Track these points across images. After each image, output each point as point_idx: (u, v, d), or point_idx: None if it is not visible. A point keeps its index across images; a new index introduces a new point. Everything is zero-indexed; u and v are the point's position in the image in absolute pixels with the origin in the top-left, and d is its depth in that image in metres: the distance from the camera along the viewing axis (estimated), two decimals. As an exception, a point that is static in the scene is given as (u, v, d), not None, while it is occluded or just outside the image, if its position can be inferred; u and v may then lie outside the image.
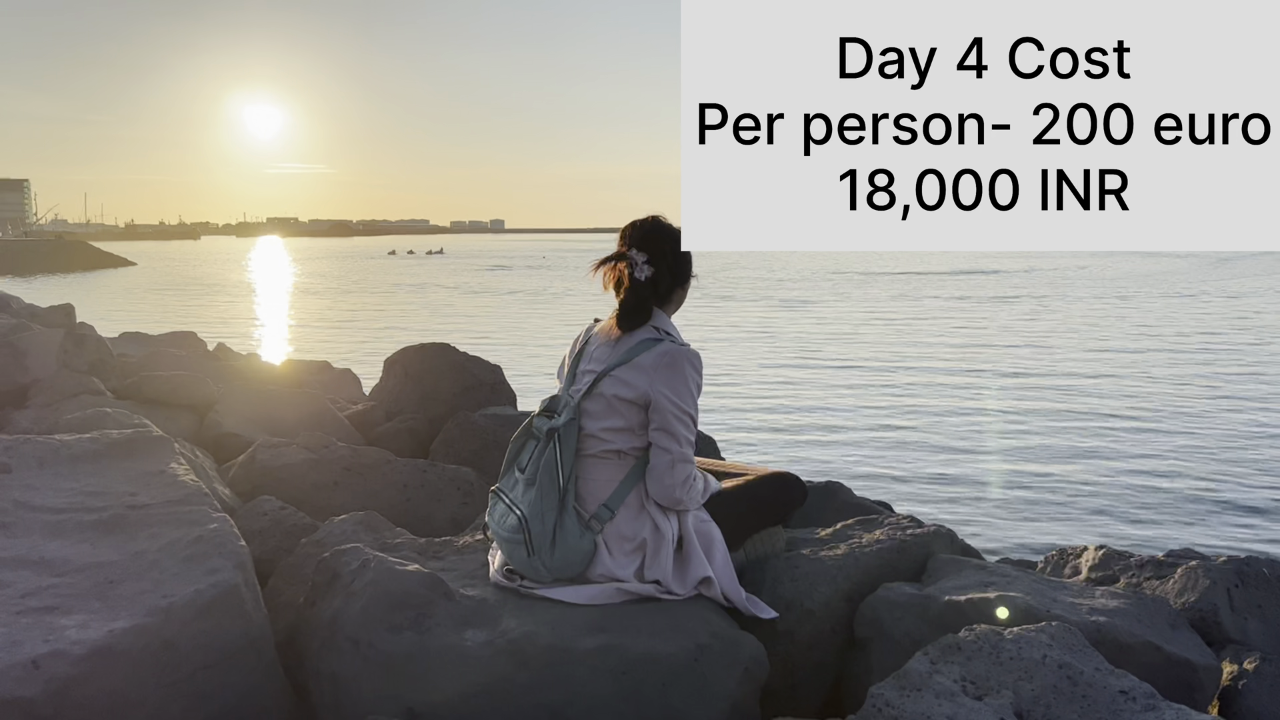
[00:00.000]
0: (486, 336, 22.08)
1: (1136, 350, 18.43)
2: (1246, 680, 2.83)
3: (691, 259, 2.91)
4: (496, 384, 6.09)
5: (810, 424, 11.76)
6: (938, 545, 3.29)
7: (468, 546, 3.15)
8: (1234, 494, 8.43)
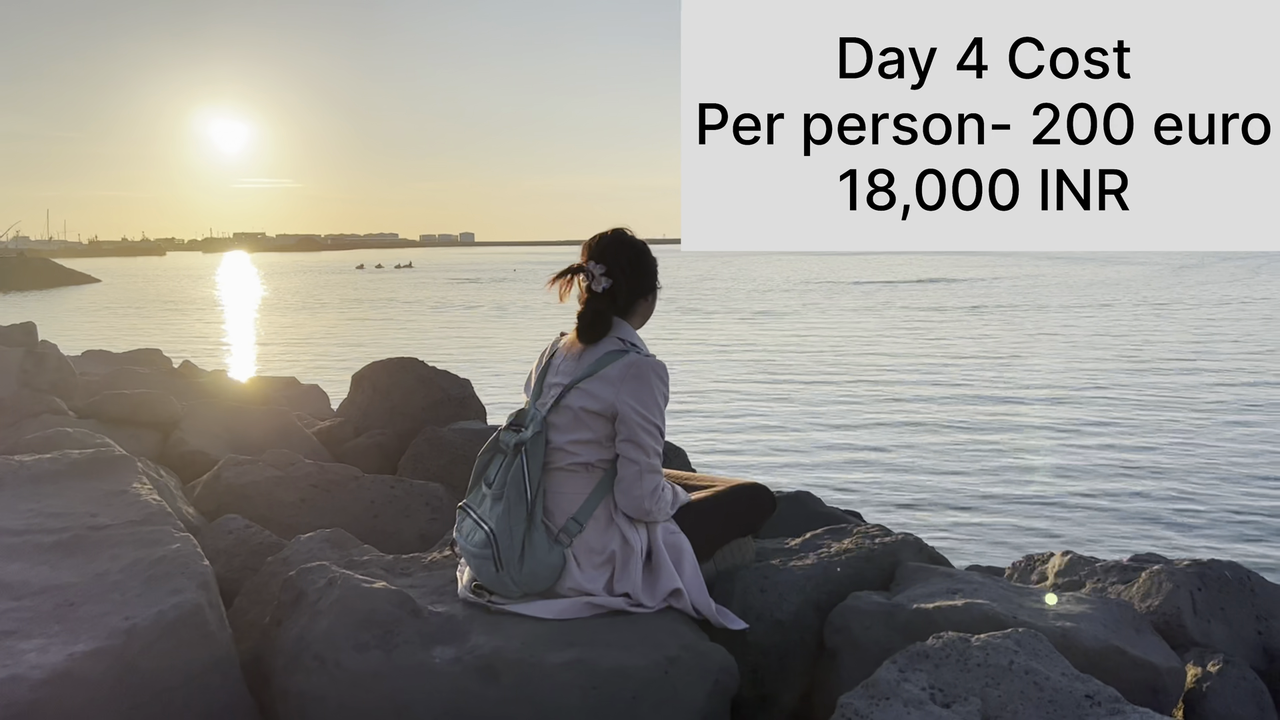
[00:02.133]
0: (455, 350, 21.99)
1: (1099, 358, 18.66)
2: (1210, 683, 2.87)
3: (655, 270, 2.90)
4: (465, 398, 6.07)
5: (780, 434, 11.80)
6: (906, 553, 3.31)
7: (436, 563, 3.13)
8: (1197, 498, 8.54)
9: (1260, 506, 8.21)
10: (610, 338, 2.81)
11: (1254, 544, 7.25)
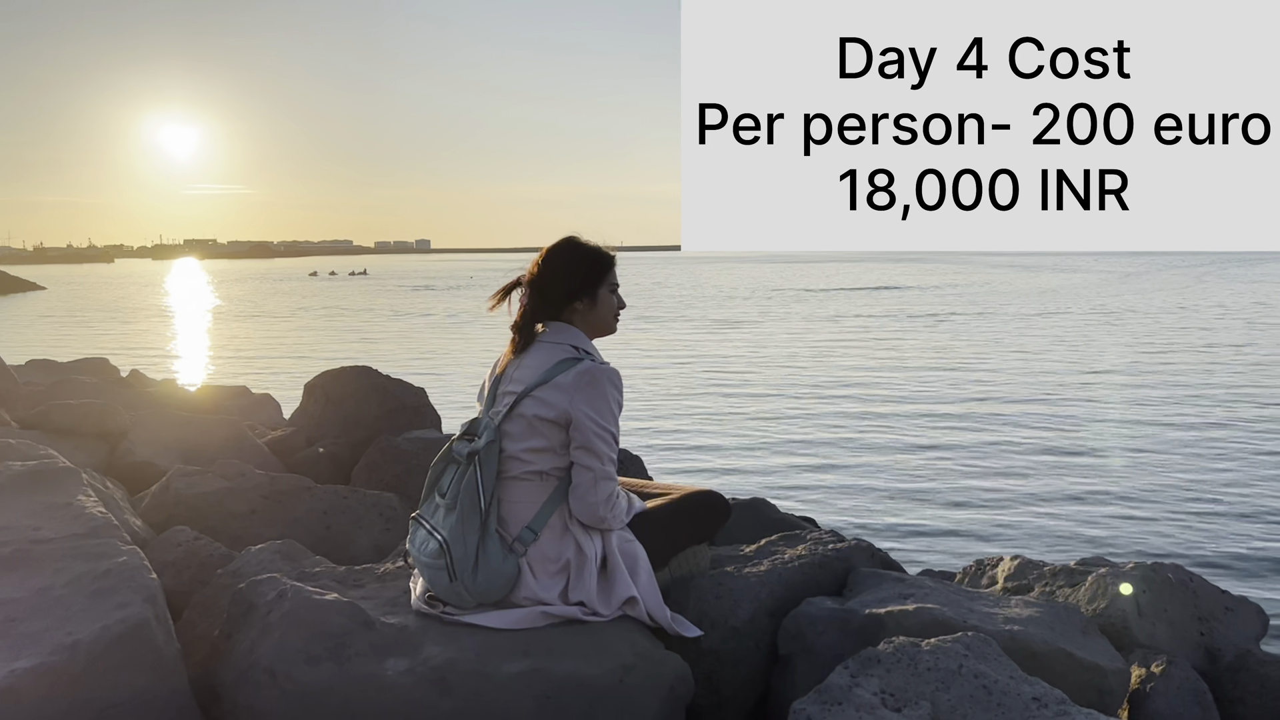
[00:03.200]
0: (410, 358, 21.81)
1: (1048, 366, 18.97)
2: (1154, 683, 2.93)
3: (595, 274, 2.87)
4: (420, 407, 6.02)
5: (736, 442, 11.86)
6: (858, 559, 3.34)
7: (389, 574, 3.10)
8: (1142, 502, 8.72)
9: (1203, 509, 8.40)
10: (563, 345, 2.82)
11: (1197, 546, 7.41)
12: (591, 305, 2.89)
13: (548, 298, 2.86)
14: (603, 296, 2.90)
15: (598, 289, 2.89)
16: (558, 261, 2.87)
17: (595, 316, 2.90)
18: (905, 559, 6.78)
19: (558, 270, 2.86)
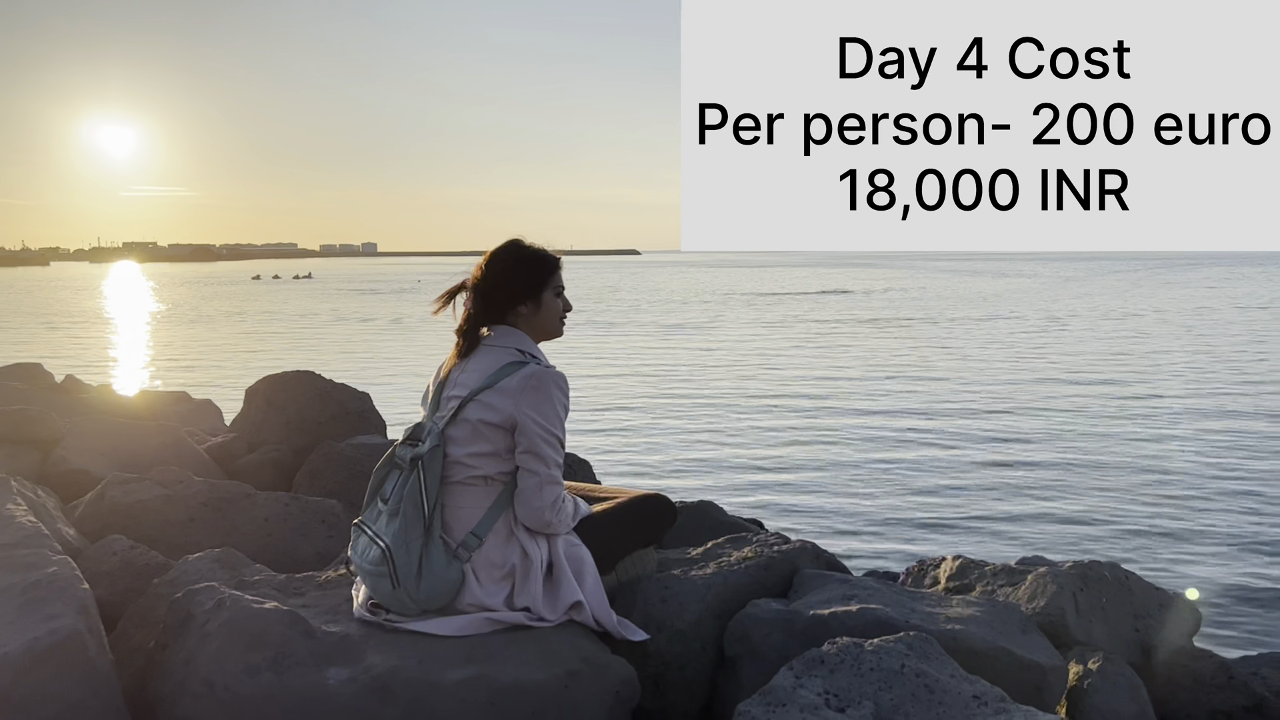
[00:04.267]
0: (355, 363, 21.55)
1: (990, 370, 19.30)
2: (1091, 680, 2.98)
3: (538, 277, 2.86)
4: (364, 412, 5.95)
5: (684, 445, 11.89)
6: (803, 560, 3.37)
7: (330, 581, 3.06)
8: (1081, 501, 8.90)
9: (1138, 508, 8.60)
10: (508, 349, 2.80)
11: (1133, 544, 7.58)
12: (536, 308, 2.87)
13: (492, 301, 2.84)
14: (547, 300, 2.88)
15: (542, 292, 2.87)
16: (501, 265, 2.86)
17: (540, 320, 2.89)
18: (851, 560, 6.85)
19: (501, 273, 2.85)
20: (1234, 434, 11.90)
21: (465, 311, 2.88)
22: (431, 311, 2.91)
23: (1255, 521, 8.12)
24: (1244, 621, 5.94)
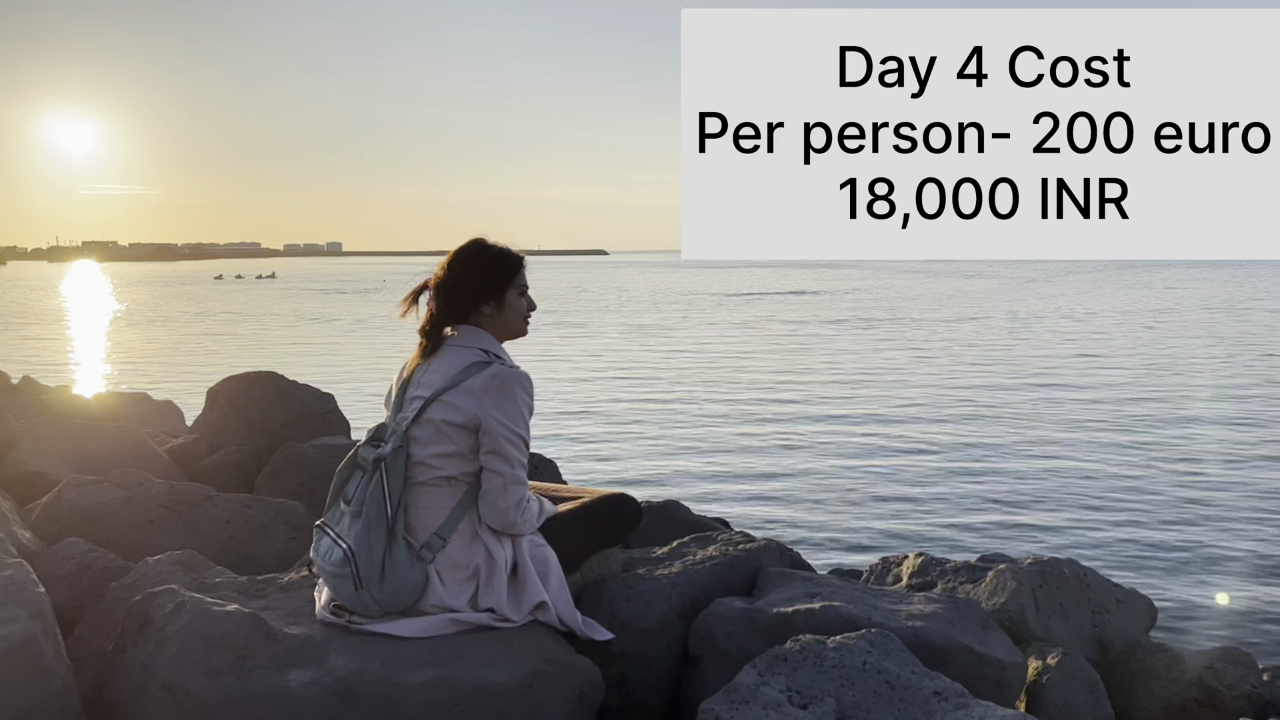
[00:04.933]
0: (318, 364, 21.35)
1: (954, 369, 19.49)
2: (1049, 675, 3.03)
3: (501, 277, 2.85)
4: (328, 413, 5.91)
5: (651, 445, 11.90)
6: (767, 559, 3.39)
7: (293, 584, 3.03)
8: (1040, 499, 9.01)
9: (1096, 505, 8.73)
10: (472, 349, 2.80)
11: (1090, 541, 7.69)
12: (499, 308, 2.86)
13: (454, 301, 2.83)
14: (511, 299, 2.88)
15: (505, 291, 2.86)
16: (464, 264, 2.85)
17: (504, 319, 2.88)
18: (815, 558, 6.89)
19: (464, 273, 2.84)
20: (1191, 435, 12.11)
21: (428, 311, 2.87)
22: (399, 314, 2.89)
23: (1209, 519, 8.27)
24: (1199, 617, 6.05)
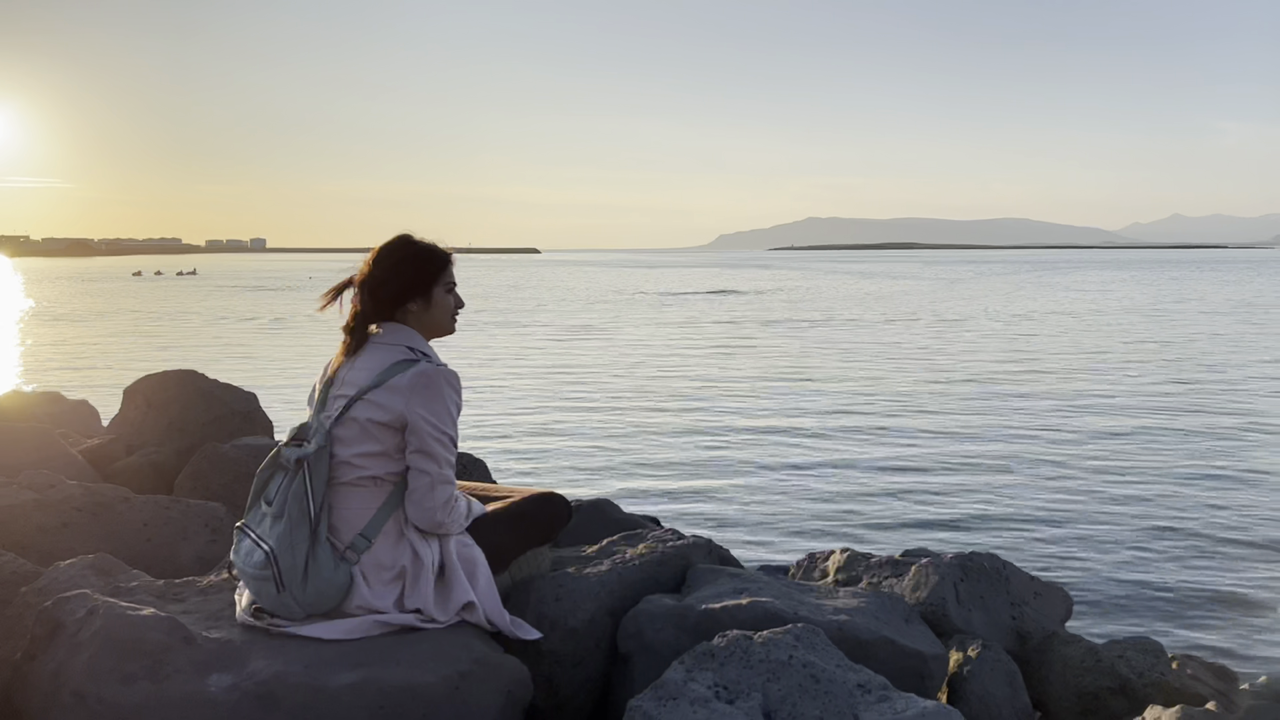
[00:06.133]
0: (241, 362, 20.89)
1: (881, 366, 19.83)
2: (970, 666, 3.10)
3: (427, 274, 2.81)
4: (250, 413, 5.79)
5: (583, 444, 11.89)
6: (696, 556, 3.41)
7: (212, 586, 2.96)
8: (963, 493, 9.22)
9: (1015, 500, 8.96)
10: (398, 346, 2.76)
11: (1010, 534, 7.89)
12: (426, 305, 2.83)
13: (380, 298, 2.79)
14: (438, 296, 2.84)
15: (432, 288, 2.83)
16: (390, 260, 2.81)
17: (430, 317, 2.84)
18: (744, 555, 6.96)
19: (390, 269, 2.80)
20: (1108, 432, 12.48)
21: (353, 308, 2.82)
22: (318, 308, 2.84)
23: (1126, 512, 8.54)
24: (1113, 607, 6.25)
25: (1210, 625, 5.92)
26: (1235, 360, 20.10)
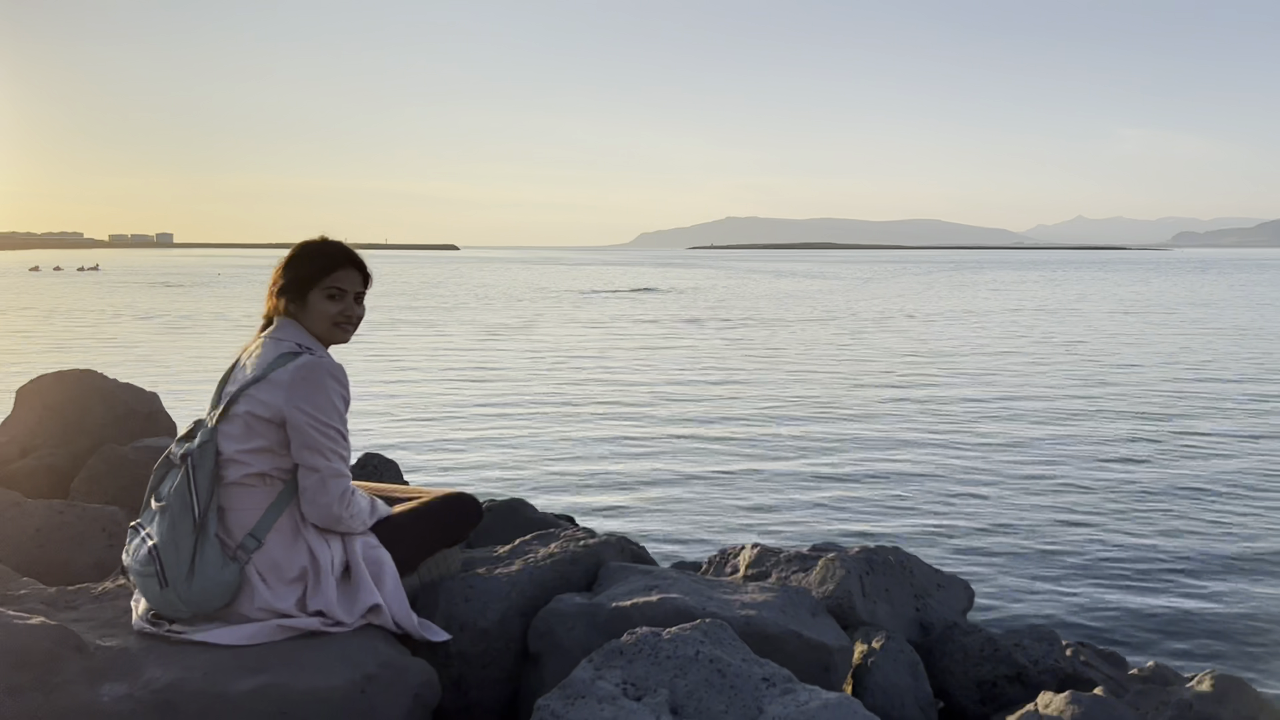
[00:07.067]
0: (144, 361, 20.23)
1: (796, 365, 20.13)
2: (874, 658, 3.17)
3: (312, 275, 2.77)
4: (153, 413, 5.62)
5: (498, 443, 11.81)
6: (609, 554, 3.42)
7: (108, 593, 2.88)
8: (871, 488, 9.42)
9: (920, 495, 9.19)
10: (286, 341, 2.73)
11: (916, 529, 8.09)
12: (301, 308, 2.78)
13: (272, 295, 2.82)
14: (314, 300, 2.76)
15: (308, 292, 2.76)
16: (285, 260, 2.83)
17: (307, 322, 2.78)
18: (661, 552, 7.00)
19: (281, 268, 2.82)
20: (1014, 426, 12.87)
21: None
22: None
23: (1027, 506, 8.82)
24: (1013, 598, 6.45)
25: (1104, 614, 6.15)
26: (1137, 358, 20.90)
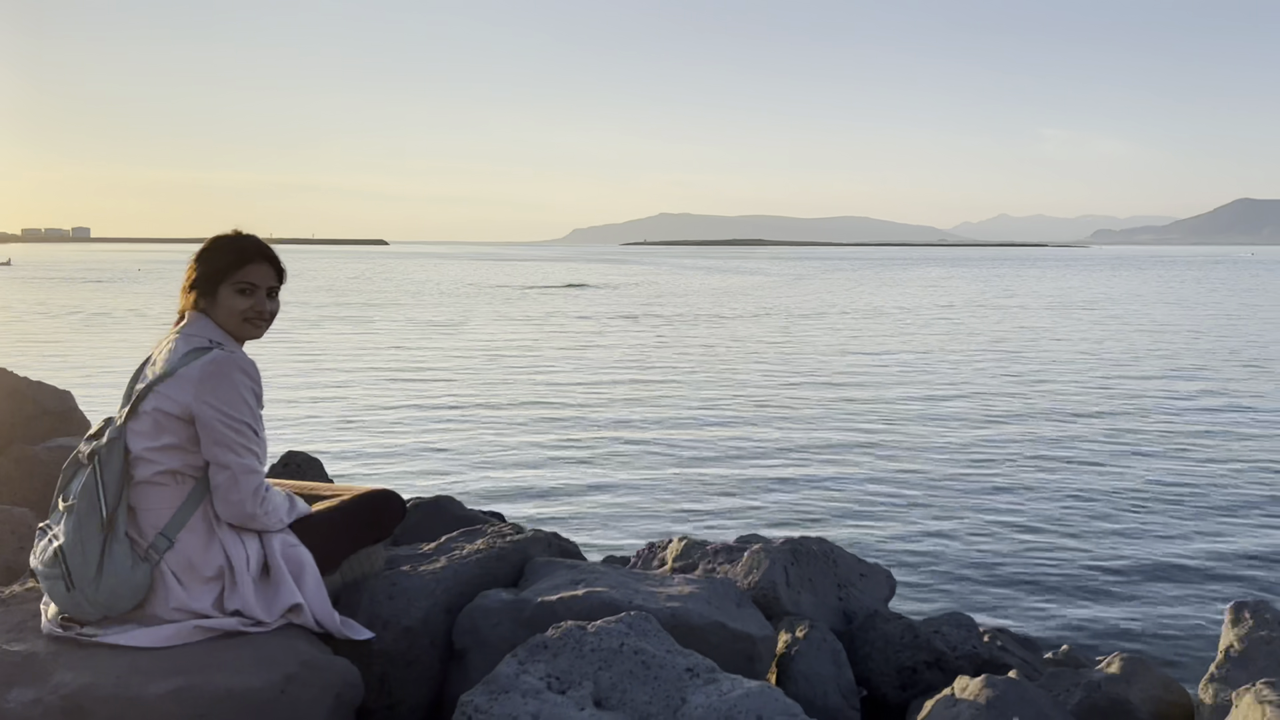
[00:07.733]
0: (57, 359, 19.62)
1: (728, 359, 20.29)
2: (797, 647, 3.22)
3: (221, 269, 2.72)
4: (66, 412, 5.46)
5: (426, 440, 11.71)
6: (535, 549, 3.41)
7: (16, 597, 2.79)
8: (798, 480, 9.56)
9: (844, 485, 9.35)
10: (197, 336, 2.67)
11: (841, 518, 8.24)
12: (211, 303, 2.72)
13: (185, 290, 2.76)
14: (224, 296, 2.71)
15: (218, 286, 2.71)
16: (196, 255, 2.78)
17: (217, 317, 2.73)
18: (591, 546, 7.01)
19: (194, 264, 2.76)
20: (935, 420, 13.15)
21: None
22: None
23: (946, 496, 9.03)
24: (933, 586, 6.60)
25: (1020, 600, 6.33)
26: (1064, 354, 21.48)
